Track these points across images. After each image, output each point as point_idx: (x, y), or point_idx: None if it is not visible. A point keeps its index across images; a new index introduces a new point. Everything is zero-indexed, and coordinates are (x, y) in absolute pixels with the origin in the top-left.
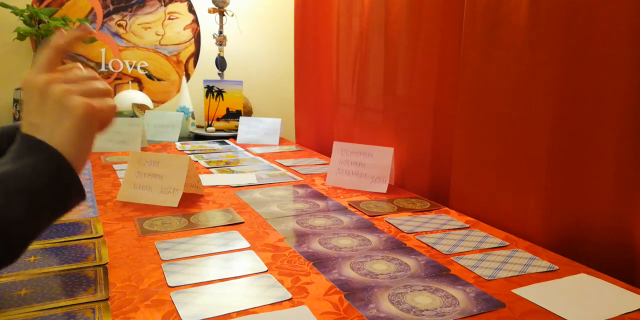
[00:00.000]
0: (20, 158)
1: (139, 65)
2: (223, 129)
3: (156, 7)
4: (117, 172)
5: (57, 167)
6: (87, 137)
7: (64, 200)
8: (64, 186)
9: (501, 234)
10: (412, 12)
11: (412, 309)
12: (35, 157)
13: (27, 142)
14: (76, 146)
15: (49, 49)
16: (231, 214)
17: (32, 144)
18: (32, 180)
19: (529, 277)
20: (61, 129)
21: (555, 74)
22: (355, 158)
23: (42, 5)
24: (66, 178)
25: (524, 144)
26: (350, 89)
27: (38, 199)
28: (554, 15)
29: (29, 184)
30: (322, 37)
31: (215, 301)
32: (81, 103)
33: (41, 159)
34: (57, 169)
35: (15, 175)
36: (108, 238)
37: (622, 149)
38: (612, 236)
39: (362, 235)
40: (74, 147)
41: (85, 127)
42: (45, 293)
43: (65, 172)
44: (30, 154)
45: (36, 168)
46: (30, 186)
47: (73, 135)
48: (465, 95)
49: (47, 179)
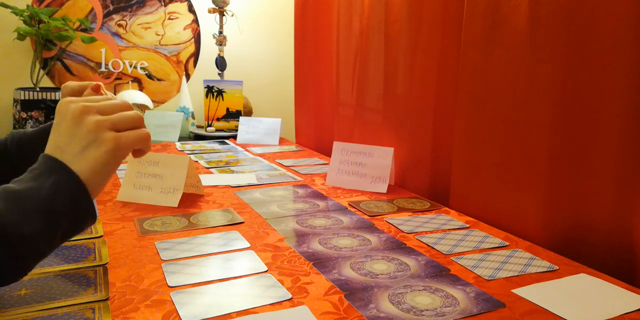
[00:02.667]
0: (40, 178)
1: (139, 65)
2: (223, 129)
3: (156, 7)
4: (117, 172)
5: (75, 190)
6: (110, 169)
7: (77, 223)
8: (79, 209)
9: (501, 234)
10: (412, 12)
11: (412, 309)
12: (56, 178)
13: (49, 163)
14: (97, 175)
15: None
16: (231, 214)
17: (53, 165)
18: (49, 200)
19: (529, 277)
20: (87, 156)
21: (555, 74)
22: (355, 158)
23: (42, 5)
24: (82, 202)
25: (524, 144)
26: (350, 89)
27: (53, 219)
28: (554, 16)
29: (46, 204)
30: (322, 37)
31: (215, 301)
32: (112, 138)
33: (61, 180)
34: (75, 192)
35: (34, 195)
36: (108, 238)
37: (622, 149)
38: (612, 236)
39: (362, 235)
40: (95, 175)
41: (111, 160)
42: (45, 293)
43: (82, 196)
44: (51, 175)
45: (55, 189)
46: (47, 206)
47: (97, 166)
48: (465, 95)
49: (64, 200)
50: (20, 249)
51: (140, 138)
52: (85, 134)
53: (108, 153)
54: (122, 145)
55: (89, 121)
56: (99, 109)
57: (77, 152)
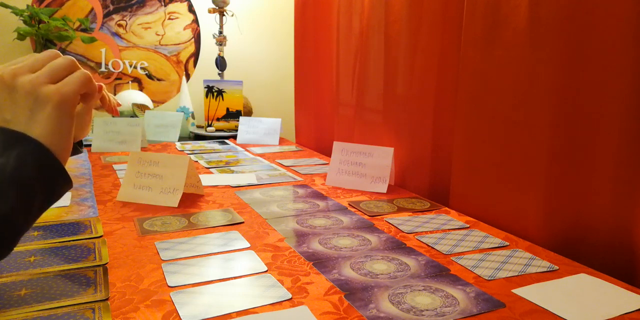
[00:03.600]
0: (2, 152)
1: (139, 65)
2: (223, 129)
3: (156, 7)
4: (117, 172)
5: (41, 157)
6: (65, 124)
7: (52, 190)
8: (50, 175)
9: (501, 234)
10: (412, 12)
11: (412, 309)
12: (18, 149)
13: (7, 136)
14: (56, 134)
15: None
16: (231, 214)
17: (12, 137)
18: (17, 172)
19: (529, 277)
20: (37, 120)
21: (555, 73)
22: (355, 158)
23: (42, 5)
24: (51, 167)
25: (524, 143)
26: (350, 89)
27: (25, 190)
28: (554, 15)
29: (15, 176)
30: (322, 37)
31: (215, 301)
32: (52, 92)
33: (24, 150)
34: (41, 159)
35: (0, 169)
36: (108, 238)
37: (623, 149)
38: (612, 236)
39: (362, 235)
40: (54, 135)
41: (62, 115)
42: (45, 293)
43: (49, 161)
44: (12, 147)
45: (20, 160)
46: (16, 179)
47: (51, 125)
48: (465, 95)
49: (31, 170)
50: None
51: (80, 81)
52: (25, 97)
53: (55, 108)
54: (65, 95)
55: (23, 83)
56: (28, 68)
57: (27, 118)
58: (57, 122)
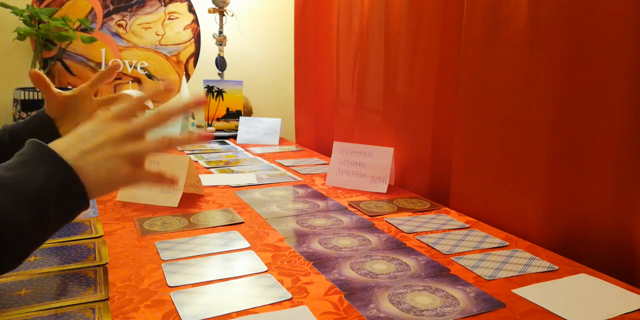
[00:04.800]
0: (30, 164)
1: (139, 65)
2: (223, 129)
3: (156, 7)
4: None
5: (67, 177)
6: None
7: (70, 210)
8: (72, 196)
9: (501, 234)
10: (412, 12)
11: (412, 309)
12: (47, 166)
13: (40, 151)
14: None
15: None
16: (231, 214)
17: (45, 153)
18: (41, 188)
19: (529, 277)
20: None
21: (555, 73)
22: (355, 158)
23: (42, 5)
24: (74, 188)
25: (524, 144)
26: (350, 89)
27: (45, 207)
28: (554, 15)
29: (39, 191)
30: (322, 37)
31: (215, 301)
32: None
33: (53, 168)
34: (67, 179)
35: (25, 182)
36: (108, 238)
37: (622, 149)
38: (612, 236)
39: (362, 235)
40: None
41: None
42: (45, 293)
43: (73, 182)
44: (42, 162)
45: (47, 176)
46: (39, 194)
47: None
48: (465, 95)
49: (56, 187)
50: (12, 239)
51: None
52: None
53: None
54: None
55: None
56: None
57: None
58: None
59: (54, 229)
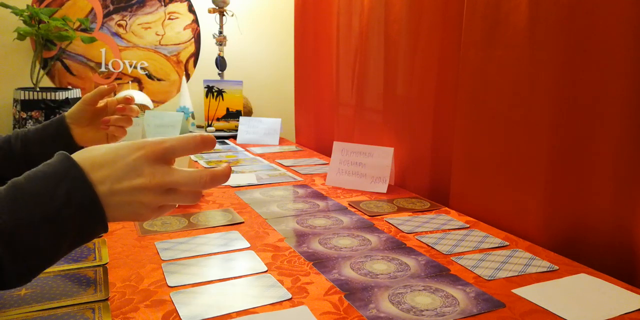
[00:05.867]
0: (53, 179)
1: (139, 65)
2: (223, 129)
3: (156, 7)
4: None
5: (89, 203)
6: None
7: (86, 235)
8: (92, 221)
9: (501, 234)
10: (412, 12)
11: (412, 309)
12: (70, 185)
13: (68, 168)
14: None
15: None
16: (231, 214)
17: (73, 171)
18: (60, 209)
19: (529, 277)
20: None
21: (555, 73)
22: (355, 158)
23: (42, 5)
24: (94, 214)
25: (524, 143)
26: (350, 89)
27: (61, 229)
28: (554, 15)
29: (57, 212)
30: (322, 37)
31: (215, 301)
32: (148, 217)
33: (76, 191)
34: (88, 204)
35: (45, 200)
36: (108, 238)
37: (622, 149)
38: (612, 236)
39: (362, 235)
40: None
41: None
42: (45, 293)
43: (95, 207)
44: (65, 180)
45: (68, 197)
46: (57, 215)
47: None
48: (465, 95)
49: (75, 210)
50: (24, 256)
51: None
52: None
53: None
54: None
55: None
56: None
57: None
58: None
59: (68, 248)
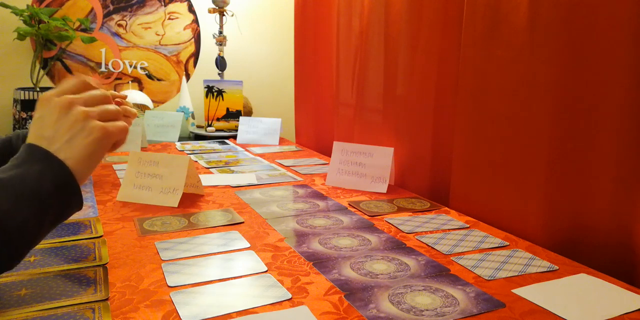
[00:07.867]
0: (25, 165)
1: (139, 65)
2: (223, 129)
3: (156, 7)
4: (117, 172)
5: (62, 177)
6: (96, 157)
7: (64, 209)
8: (67, 195)
9: (501, 234)
10: (412, 12)
11: (412, 309)
12: (42, 166)
13: (34, 152)
14: (84, 163)
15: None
16: (231, 214)
17: (38, 153)
18: (37, 186)
19: (529, 277)
20: (74, 145)
21: (555, 73)
22: (355, 158)
23: (42, 5)
24: (69, 187)
25: (524, 144)
26: (350, 89)
27: (42, 205)
28: (554, 15)
29: (35, 190)
30: (322, 37)
31: (215, 301)
32: (99, 127)
33: (47, 167)
34: (62, 179)
35: (21, 181)
36: (108, 238)
37: (622, 149)
38: (612, 236)
39: (362, 235)
40: (82, 163)
41: (98, 149)
42: (45, 293)
43: (68, 181)
44: (36, 163)
45: (42, 175)
46: (36, 192)
47: (85, 154)
48: (465, 95)
49: (51, 186)
50: (11, 236)
51: (122, 130)
52: (73, 123)
53: (96, 141)
54: (109, 134)
55: (77, 112)
56: (83, 101)
57: (65, 141)
58: (91, 152)
59: (50, 225)
